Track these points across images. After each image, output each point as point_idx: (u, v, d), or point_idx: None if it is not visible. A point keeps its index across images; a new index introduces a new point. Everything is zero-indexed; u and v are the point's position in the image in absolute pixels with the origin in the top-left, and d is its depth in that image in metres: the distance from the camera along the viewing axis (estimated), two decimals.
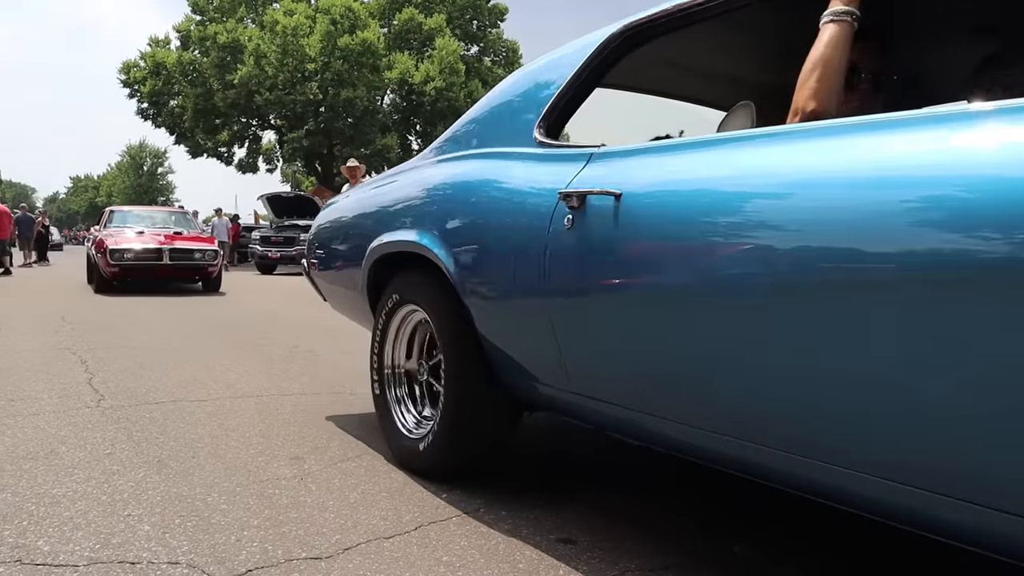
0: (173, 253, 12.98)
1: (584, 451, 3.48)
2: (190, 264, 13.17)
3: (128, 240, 13.08)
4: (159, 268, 12.92)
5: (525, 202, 2.47)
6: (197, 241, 13.83)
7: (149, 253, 12.85)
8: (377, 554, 2.30)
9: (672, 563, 2.28)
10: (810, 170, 1.65)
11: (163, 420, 3.90)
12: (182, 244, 13.33)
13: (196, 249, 13.29)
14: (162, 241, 13.21)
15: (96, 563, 2.20)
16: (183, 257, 13.11)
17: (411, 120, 35.59)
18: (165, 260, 12.88)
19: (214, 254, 13.41)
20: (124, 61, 35.51)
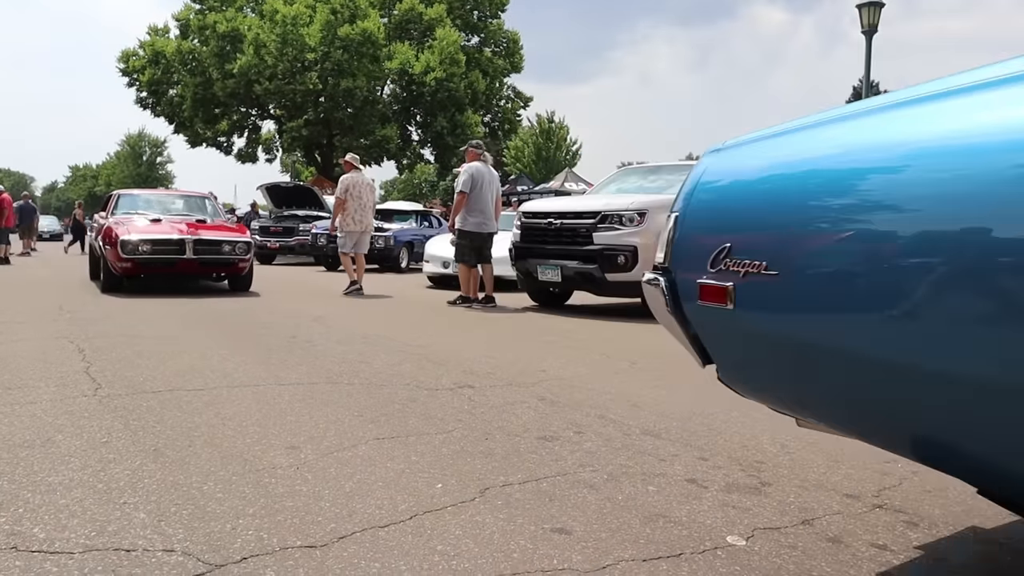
0: (198, 245, 10.63)
1: (578, 440, 3.49)
2: (218, 259, 10.87)
3: (143, 229, 10.76)
4: (181, 263, 10.63)
5: None
6: (225, 231, 11.54)
7: (169, 245, 10.53)
8: (372, 543, 2.31)
9: (665, 554, 2.29)
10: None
11: (160, 409, 3.91)
12: (209, 234, 11.00)
13: (225, 240, 10.93)
14: (185, 230, 10.86)
15: (92, 550, 2.21)
16: (210, 250, 10.77)
17: (411, 110, 35.53)
18: (188, 254, 10.53)
19: (246, 247, 11.03)
20: (123, 50, 35.46)
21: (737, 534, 2.45)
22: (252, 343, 6.18)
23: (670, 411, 4.14)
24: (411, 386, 4.63)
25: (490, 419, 3.86)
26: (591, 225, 8.74)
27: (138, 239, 10.34)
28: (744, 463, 3.22)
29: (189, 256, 10.55)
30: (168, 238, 10.62)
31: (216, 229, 11.49)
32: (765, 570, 2.20)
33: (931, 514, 2.67)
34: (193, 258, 10.59)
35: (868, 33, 16.38)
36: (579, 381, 4.92)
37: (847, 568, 2.22)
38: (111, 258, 10.43)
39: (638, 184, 10.26)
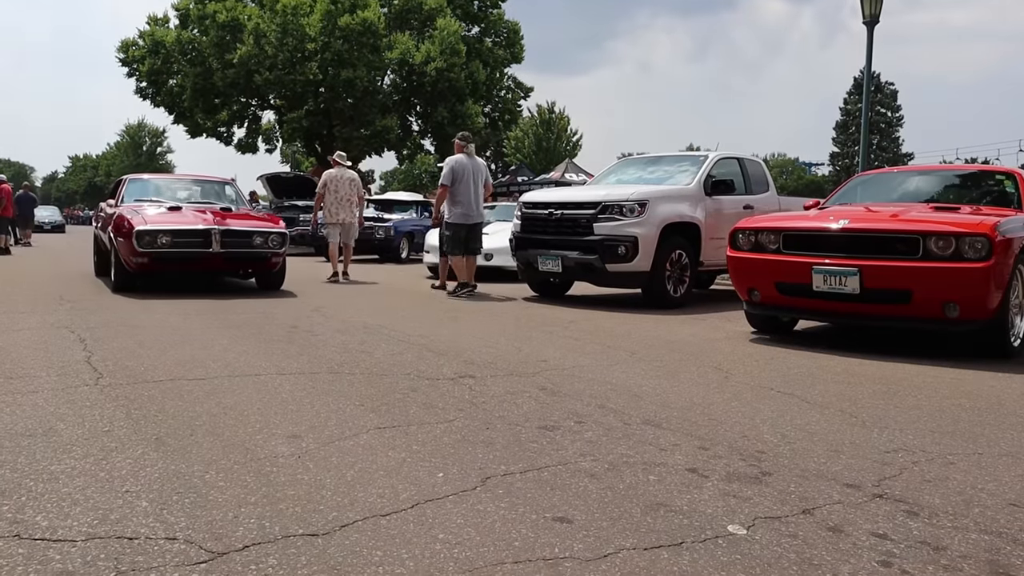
0: (226, 237, 9.19)
1: (579, 430, 3.49)
2: (249, 252, 9.41)
3: (161, 219, 9.34)
4: (206, 258, 9.17)
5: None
6: (255, 220, 10.03)
7: (193, 237, 9.10)
8: (374, 531, 2.31)
9: (666, 542, 2.30)
10: None
11: (161, 398, 3.92)
12: (237, 224, 9.51)
13: (257, 231, 9.43)
14: (210, 220, 9.40)
15: (94, 538, 2.21)
16: (240, 242, 9.32)
17: (411, 101, 35.40)
18: (214, 247, 9.08)
19: (280, 239, 9.57)
20: (123, 39, 35.31)
21: (738, 523, 2.45)
22: (253, 333, 6.18)
23: (670, 401, 4.15)
24: (412, 376, 4.63)
25: (491, 409, 3.87)
26: (591, 215, 8.74)
27: (156, 230, 8.90)
28: (744, 453, 3.23)
29: (215, 250, 9.10)
30: (191, 228, 9.16)
31: (245, 218, 10.01)
32: (766, 559, 2.20)
33: (931, 503, 2.68)
34: (220, 252, 9.14)
35: (869, 23, 16.31)
36: (580, 371, 4.93)
37: (847, 557, 2.23)
38: (124, 252, 9.02)
39: (637, 175, 10.26)
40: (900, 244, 5.64)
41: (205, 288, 9.81)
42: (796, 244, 6.15)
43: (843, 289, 5.76)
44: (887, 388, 4.64)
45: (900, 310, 5.72)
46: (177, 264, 9.26)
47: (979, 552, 2.29)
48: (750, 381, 4.77)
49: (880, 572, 2.14)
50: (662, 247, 8.64)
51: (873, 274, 5.64)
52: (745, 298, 6.61)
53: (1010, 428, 3.76)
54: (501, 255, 12.07)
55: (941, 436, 3.58)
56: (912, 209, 6.42)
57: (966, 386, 4.77)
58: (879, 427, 3.71)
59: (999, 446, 3.45)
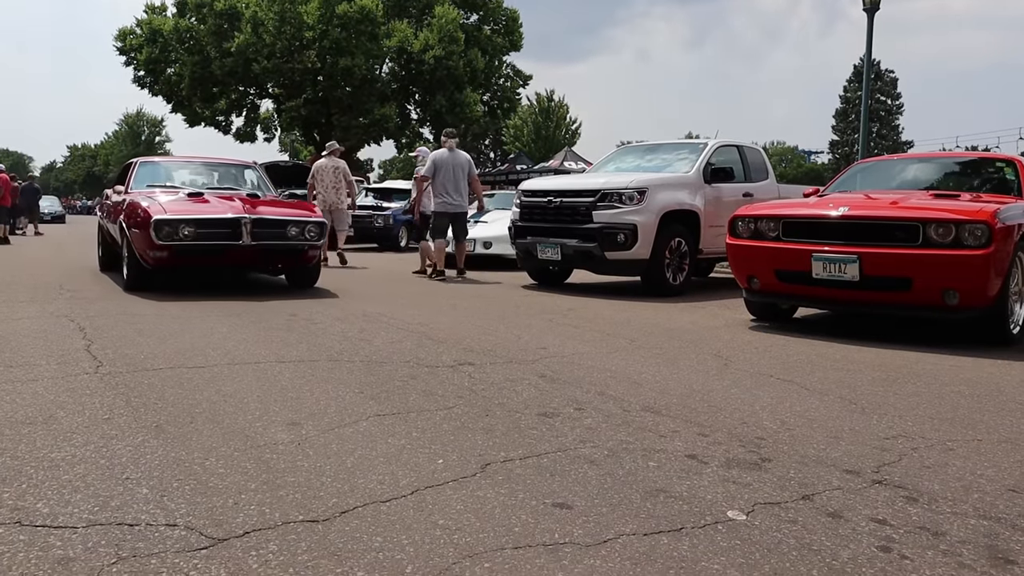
0: (258, 227, 8.02)
1: (578, 416, 3.49)
2: (283, 245, 8.23)
3: (183, 207, 8.17)
4: (235, 252, 8.00)
5: None
6: (289, 208, 8.88)
7: (220, 227, 7.94)
8: (374, 517, 2.32)
9: (666, 528, 2.30)
10: None
11: (161, 386, 3.92)
12: (270, 212, 8.39)
13: (292, 221, 8.29)
14: (239, 208, 8.19)
15: (95, 525, 2.22)
16: (273, 233, 8.15)
17: (410, 89, 35.33)
18: (245, 238, 7.90)
19: (318, 229, 8.41)
20: (120, 28, 35.19)
21: (738, 509, 2.46)
22: (252, 321, 6.18)
23: (670, 388, 4.15)
24: (411, 363, 4.63)
25: (490, 396, 3.87)
26: (591, 203, 8.73)
27: (178, 219, 7.76)
28: (744, 439, 3.23)
29: (245, 242, 7.91)
30: (219, 218, 7.99)
31: (277, 206, 8.93)
32: (765, 544, 2.21)
33: (930, 489, 2.68)
34: (251, 244, 7.95)
35: (870, 11, 16.26)
36: (579, 358, 4.93)
37: (847, 543, 2.23)
38: (140, 245, 7.91)
39: (636, 163, 10.24)
40: (900, 231, 5.64)
41: (204, 277, 9.78)
42: (796, 232, 6.14)
43: (843, 276, 5.76)
44: (886, 375, 4.64)
45: (900, 297, 5.72)
46: (201, 258, 8.13)
47: (978, 537, 2.30)
48: (749, 368, 4.77)
49: (879, 557, 2.14)
50: (661, 235, 8.63)
51: (873, 261, 5.64)
52: (744, 286, 6.61)
53: (1009, 414, 3.77)
54: (500, 243, 12.08)
55: (940, 423, 3.59)
56: (912, 196, 6.41)
57: (965, 373, 4.77)
58: (878, 414, 3.71)
59: (998, 432, 3.45)
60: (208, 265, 8.57)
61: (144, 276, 8.17)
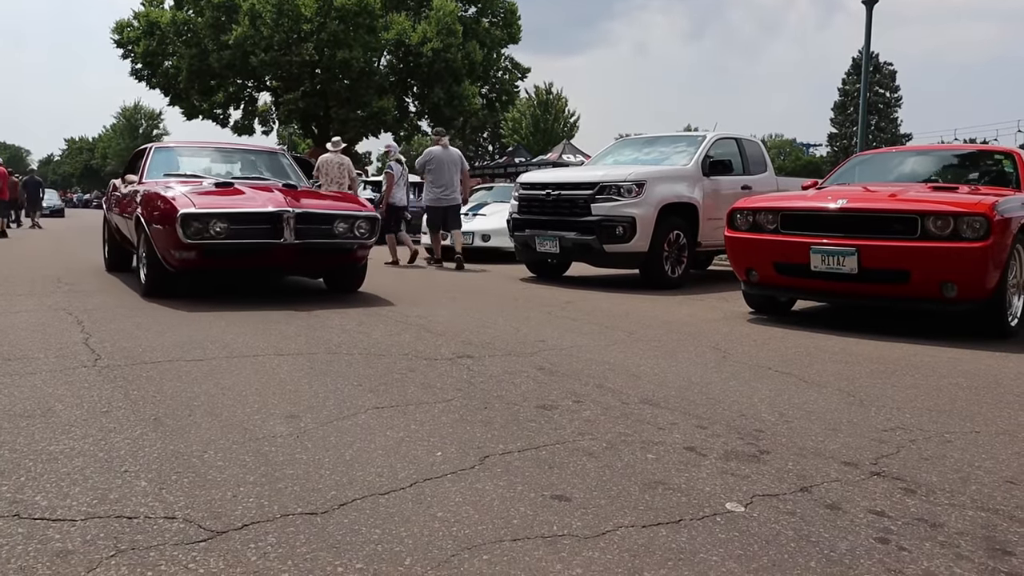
0: (302, 223, 6.89)
1: (577, 409, 3.50)
2: (330, 244, 7.16)
3: (213, 199, 6.99)
4: (276, 252, 6.88)
5: None
6: (335, 201, 7.81)
7: (259, 222, 6.82)
8: (372, 510, 2.32)
9: (665, 520, 2.30)
10: None
11: (160, 379, 3.91)
12: (316, 205, 7.24)
13: (341, 215, 7.21)
14: (281, 200, 7.01)
15: (93, 518, 2.22)
16: (319, 231, 7.06)
17: (408, 82, 35.22)
18: (287, 236, 6.78)
19: (370, 226, 7.34)
20: (117, 20, 35.07)
21: (736, 501, 2.46)
22: (251, 314, 6.17)
23: (668, 380, 4.16)
24: (410, 356, 4.63)
25: (489, 388, 3.87)
26: (589, 196, 8.72)
27: (208, 213, 6.62)
28: (742, 431, 3.23)
29: (288, 240, 6.78)
30: (258, 212, 6.86)
31: (321, 198, 7.82)
32: (764, 536, 2.21)
33: (928, 481, 2.69)
34: (294, 243, 6.83)
35: (868, 3, 16.24)
36: (577, 351, 4.93)
37: (845, 534, 2.23)
38: (162, 244, 6.81)
39: (634, 156, 10.24)
40: (898, 224, 5.64)
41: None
42: (794, 224, 6.14)
43: (841, 269, 5.76)
44: (885, 367, 4.65)
45: (898, 290, 5.72)
46: (235, 260, 6.97)
47: (976, 529, 2.30)
48: (748, 361, 4.77)
49: (877, 548, 2.15)
50: (660, 227, 8.64)
51: (871, 254, 5.64)
52: (743, 278, 6.61)
53: (1007, 407, 3.78)
54: (499, 236, 12.08)
55: (938, 415, 3.59)
56: (910, 189, 6.41)
57: (963, 365, 4.78)
58: (876, 406, 3.71)
59: (996, 424, 3.46)
60: (242, 268, 7.32)
61: (166, 280, 7.07)
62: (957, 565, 2.07)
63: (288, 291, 7.85)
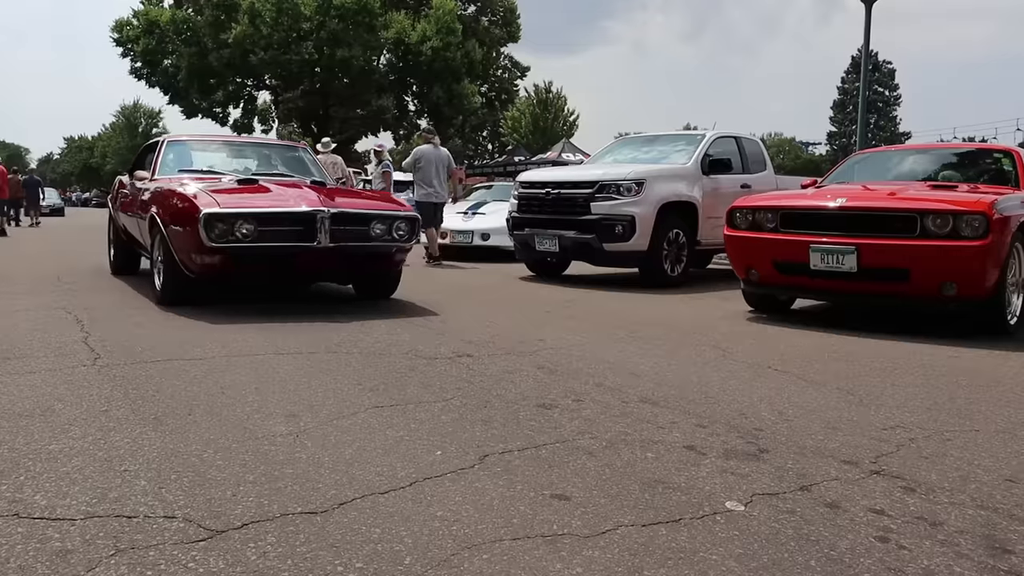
0: (337, 224, 6.23)
1: (577, 408, 3.49)
2: (368, 248, 6.50)
3: (239, 198, 6.38)
4: (308, 256, 6.25)
5: None
6: (370, 201, 7.25)
7: (291, 223, 6.18)
8: (372, 509, 2.32)
9: (664, 519, 2.30)
10: None
11: (159, 378, 3.91)
12: (352, 205, 6.60)
13: (377, 216, 6.58)
14: (315, 199, 6.36)
15: (93, 517, 2.21)
16: (356, 233, 6.40)
17: (407, 81, 35.25)
18: (322, 239, 6.12)
19: (409, 227, 6.69)
20: (117, 19, 35.09)
21: (736, 500, 2.46)
22: (249, 313, 6.17)
23: (668, 379, 4.15)
24: (410, 355, 4.63)
25: (489, 387, 3.87)
26: (589, 195, 8.72)
27: (234, 213, 5.96)
28: (742, 430, 3.23)
29: (322, 243, 6.12)
30: (290, 212, 6.20)
31: (355, 196, 7.31)
32: (764, 535, 2.21)
33: (928, 479, 2.69)
34: (329, 247, 6.17)
35: (868, 1, 16.24)
36: (577, 350, 4.93)
37: (845, 533, 2.23)
38: (182, 247, 6.18)
39: (633, 155, 10.23)
40: (897, 222, 5.63)
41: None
42: (794, 223, 6.14)
43: (840, 267, 5.76)
44: (884, 366, 4.65)
45: (898, 288, 5.72)
46: (263, 265, 6.30)
47: (975, 527, 2.30)
48: (747, 359, 4.77)
49: (877, 547, 2.15)
50: (659, 226, 8.63)
51: (870, 252, 5.64)
52: (742, 277, 6.61)
53: (1006, 405, 3.78)
54: (498, 235, 12.08)
55: (938, 413, 3.59)
56: (910, 187, 6.40)
57: (963, 364, 4.78)
58: (876, 404, 3.71)
59: (995, 423, 3.46)
60: (270, 274, 6.57)
61: (185, 287, 6.41)
62: (957, 563, 2.07)
63: (286, 290, 7.84)
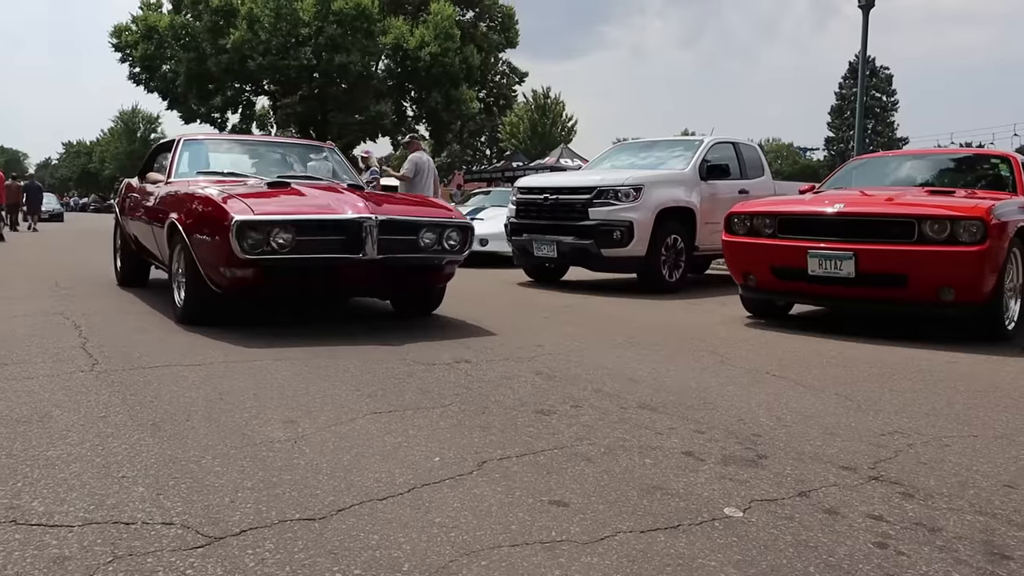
0: (384, 232, 5.48)
1: (575, 414, 3.49)
2: (415, 260, 5.74)
3: (274, 203, 5.62)
4: (352, 270, 5.52)
5: None
6: (417, 207, 6.23)
7: (335, 232, 5.44)
8: (370, 515, 2.32)
9: (662, 525, 2.30)
10: None
11: (157, 384, 3.91)
12: (398, 211, 5.81)
13: (426, 223, 5.77)
14: (360, 205, 5.54)
15: (90, 523, 2.21)
16: (403, 243, 5.63)
17: (406, 86, 35.25)
18: (368, 250, 5.38)
19: (462, 236, 5.90)
20: (115, 24, 35.08)
21: (734, 506, 2.46)
22: (249, 319, 6.16)
23: (666, 385, 4.15)
24: (408, 361, 4.63)
25: (487, 393, 3.87)
26: (587, 200, 8.72)
27: (273, 220, 5.24)
28: (740, 436, 3.23)
29: (369, 255, 5.38)
30: (334, 218, 5.45)
31: (399, 202, 6.53)
32: (762, 541, 2.21)
33: (927, 485, 2.69)
34: (376, 259, 5.42)
35: (865, 7, 16.28)
36: (576, 356, 4.93)
37: (843, 539, 2.23)
38: (209, 259, 5.45)
39: (631, 160, 10.25)
40: (895, 228, 5.64)
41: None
42: (791, 228, 6.15)
43: (838, 273, 5.76)
44: (882, 371, 4.65)
45: (895, 294, 5.73)
46: (301, 279, 5.60)
47: (974, 533, 2.30)
48: (746, 365, 4.77)
49: (876, 553, 2.15)
50: (657, 232, 8.64)
51: (868, 258, 5.65)
52: (740, 282, 6.62)
53: (1004, 410, 3.78)
54: (496, 240, 12.07)
55: (936, 419, 3.59)
56: (907, 193, 6.42)
57: (961, 369, 4.78)
58: (874, 410, 3.72)
59: (994, 428, 3.46)
60: (308, 288, 5.83)
61: (210, 304, 5.71)
62: (955, 570, 2.07)
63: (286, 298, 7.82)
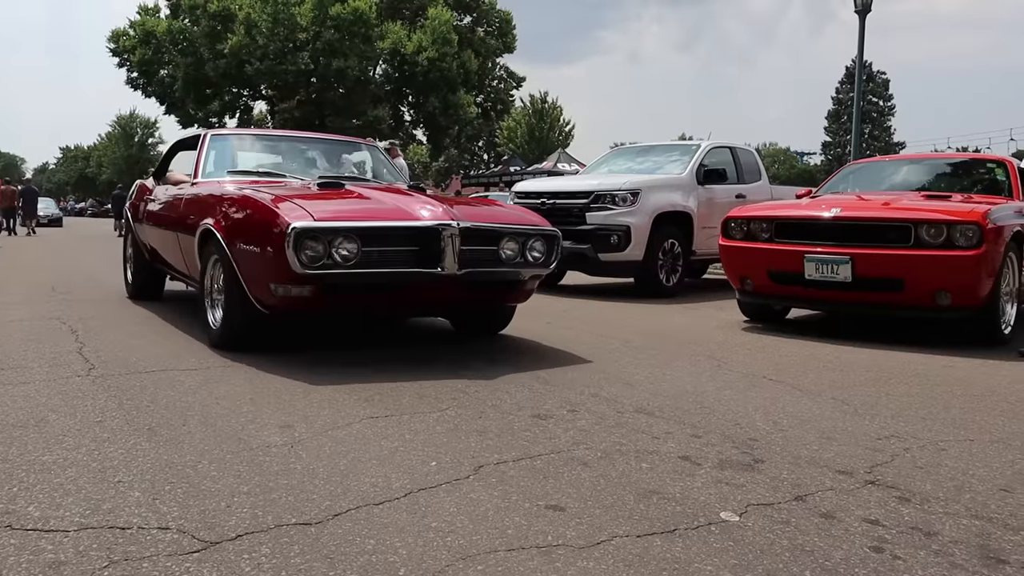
0: (467, 241, 4.57)
1: (572, 418, 3.49)
2: (498, 275, 4.89)
3: (336, 207, 4.69)
4: (428, 287, 4.62)
5: None
6: (494, 210, 5.37)
7: (407, 241, 4.53)
8: (367, 520, 2.31)
9: (659, 530, 2.30)
10: None
11: (153, 388, 3.90)
12: (477, 216, 4.81)
13: (510, 231, 4.90)
14: (437, 210, 4.65)
15: (86, 528, 2.21)
16: (483, 255, 4.72)
17: (403, 91, 35.27)
18: (448, 264, 4.47)
19: (547, 247, 5.03)
20: (113, 29, 35.09)
21: (731, 510, 2.46)
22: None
23: (663, 390, 4.16)
24: (404, 365, 4.62)
25: (484, 397, 3.87)
26: (584, 205, 8.74)
27: (337, 228, 4.33)
28: (737, 440, 3.23)
29: (448, 269, 4.50)
30: (408, 226, 4.55)
31: (474, 205, 5.43)
32: (759, 545, 2.21)
33: (923, 489, 2.69)
34: (457, 274, 4.53)
35: (861, 12, 16.32)
36: (572, 360, 4.93)
37: (840, 543, 2.23)
38: (257, 274, 4.55)
39: (628, 165, 10.27)
40: (892, 232, 5.65)
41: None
42: (788, 233, 6.16)
43: (835, 277, 5.77)
44: (879, 376, 4.66)
45: (892, 298, 5.74)
46: (366, 299, 4.72)
47: (970, 537, 2.30)
48: (742, 369, 4.78)
49: (872, 557, 2.15)
50: (655, 236, 8.65)
51: (865, 262, 5.66)
52: (737, 287, 6.62)
53: (1001, 415, 3.78)
54: None
55: (932, 423, 3.60)
56: (904, 197, 6.43)
57: (957, 373, 4.79)
58: (871, 414, 3.72)
59: (990, 432, 3.46)
60: (373, 308, 5.11)
61: (255, 327, 4.90)
62: (951, 574, 2.07)
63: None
